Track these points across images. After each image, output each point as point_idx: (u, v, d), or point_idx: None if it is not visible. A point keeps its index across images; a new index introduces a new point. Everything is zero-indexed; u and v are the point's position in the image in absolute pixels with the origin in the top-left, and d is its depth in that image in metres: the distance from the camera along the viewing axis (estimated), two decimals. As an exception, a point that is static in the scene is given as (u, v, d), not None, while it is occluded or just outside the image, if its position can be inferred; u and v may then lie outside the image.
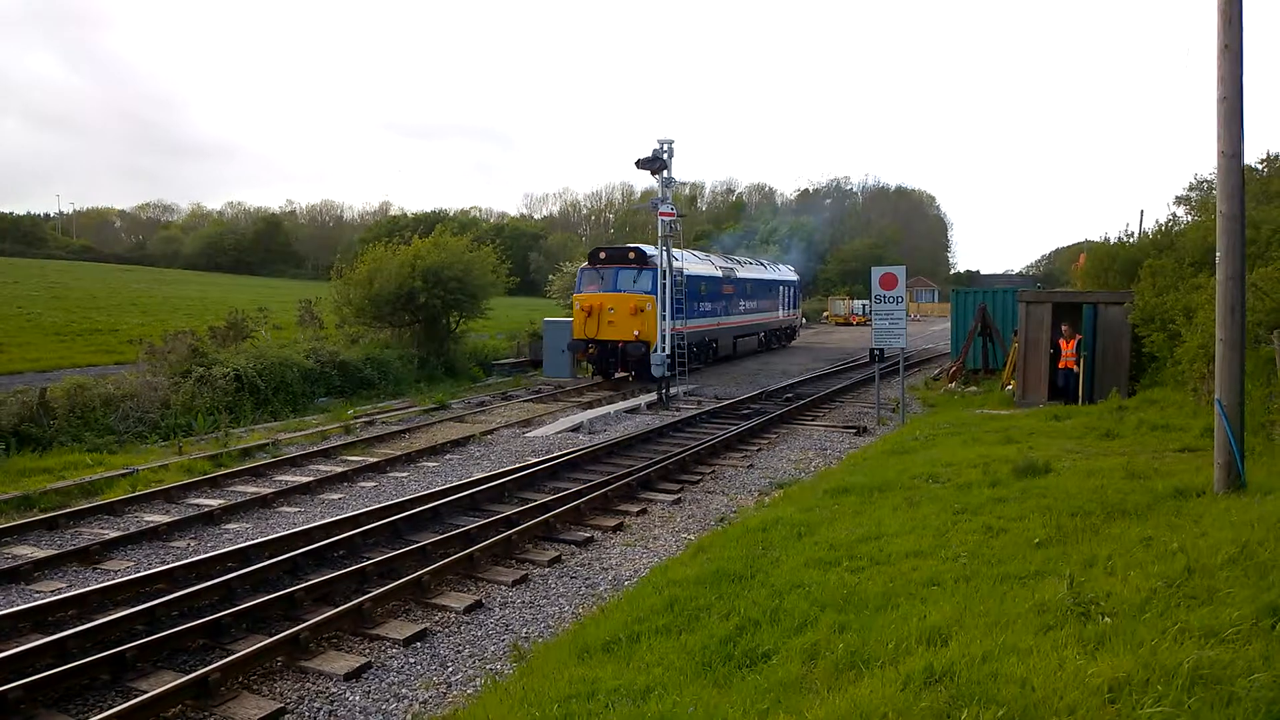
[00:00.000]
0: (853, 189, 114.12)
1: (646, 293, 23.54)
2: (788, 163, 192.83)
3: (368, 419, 17.87)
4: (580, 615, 7.48)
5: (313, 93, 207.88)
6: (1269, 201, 16.44)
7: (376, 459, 13.83)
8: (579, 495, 11.14)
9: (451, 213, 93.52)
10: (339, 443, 15.21)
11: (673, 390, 21.15)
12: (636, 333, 23.24)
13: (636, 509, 11.02)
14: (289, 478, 12.87)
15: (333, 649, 6.89)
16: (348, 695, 6.18)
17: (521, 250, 71.23)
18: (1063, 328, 17.19)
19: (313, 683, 6.37)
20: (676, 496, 11.67)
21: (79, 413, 15.40)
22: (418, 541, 9.34)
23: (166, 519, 10.47)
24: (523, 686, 5.44)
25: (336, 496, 11.87)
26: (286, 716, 5.89)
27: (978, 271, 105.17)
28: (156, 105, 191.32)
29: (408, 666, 6.65)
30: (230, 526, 10.44)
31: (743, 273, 32.88)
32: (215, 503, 11.21)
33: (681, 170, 67.90)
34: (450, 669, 6.61)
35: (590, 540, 9.80)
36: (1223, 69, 7.48)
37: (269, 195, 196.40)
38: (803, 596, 6.10)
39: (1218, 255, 7.77)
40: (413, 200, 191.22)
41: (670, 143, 20.41)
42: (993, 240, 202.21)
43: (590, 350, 24.09)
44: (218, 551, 9.05)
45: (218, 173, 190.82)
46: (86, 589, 7.84)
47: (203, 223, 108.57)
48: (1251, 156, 19.57)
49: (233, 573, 8.28)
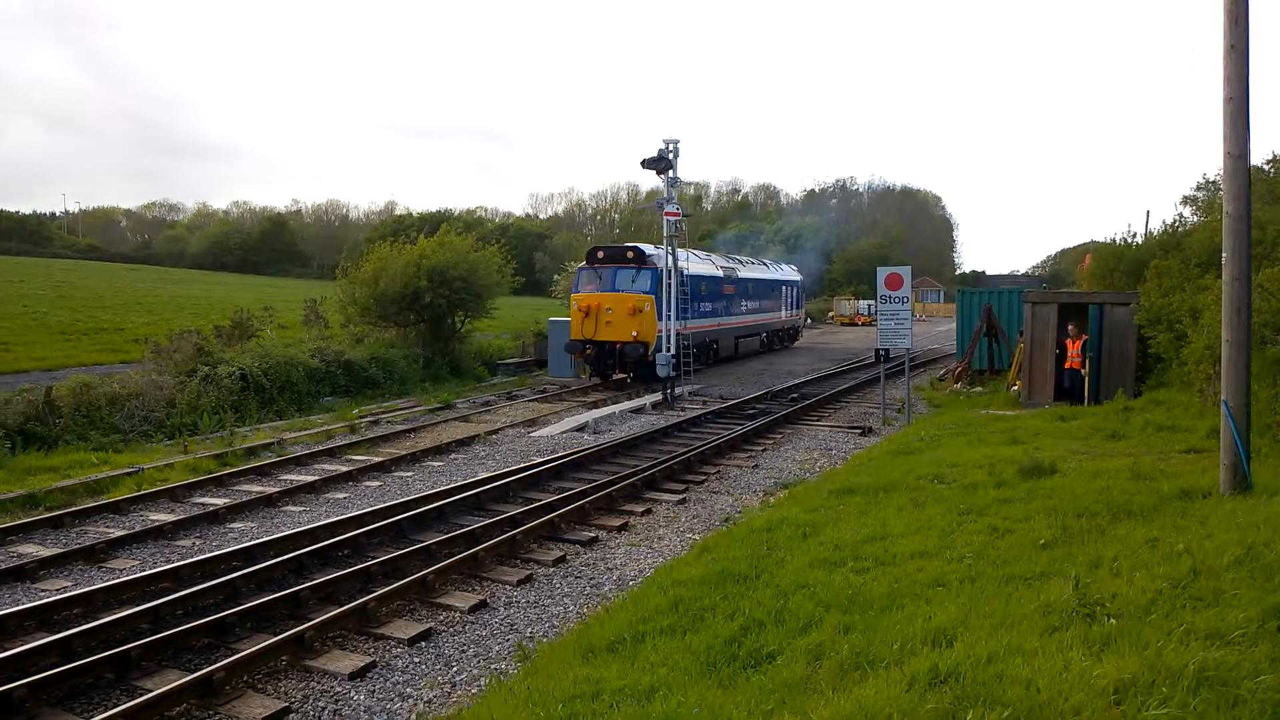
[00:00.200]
0: (858, 189, 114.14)
1: (645, 293, 23.11)
2: (793, 163, 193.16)
3: (373, 418, 17.90)
4: (585, 615, 7.48)
5: (318, 93, 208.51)
6: (1276, 202, 16.43)
7: (381, 458, 13.86)
8: (584, 495, 11.14)
9: (457, 212, 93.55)
10: (344, 442, 15.25)
11: (678, 390, 21.14)
12: (635, 333, 22.77)
13: (641, 509, 11.02)
14: (294, 477, 12.89)
15: (337, 648, 6.90)
16: (352, 695, 6.19)
17: (527, 250, 71.29)
18: (1069, 328, 17.16)
19: (317, 682, 6.38)
20: (681, 496, 11.67)
21: (84, 411, 15.45)
22: (422, 541, 9.35)
23: (171, 518, 10.50)
24: (527, 686, 5.44)
25: (341, 496, 11.90)
26: (291, 716, 5.90)
27: (983, 272, 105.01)
28: (162, 105, 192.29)
29: (412, 666, 6.66)
30: (235, 525, 10.47)
31: (744, 272, 32.39)
32: (220, 502, 11.25)
33: (687, 170, 67.82)
34: (455, 669, 6.62)
35: (595, 540, 9.81)
36: (1229, 69, 7.47)
37: (274, 195, 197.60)
38: (808, 597, 6.10)
39: (1224, 256, 7.75)
40: (418, 200, 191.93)
41: (676, 143, 20.37)
42: (998, 241, 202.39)
43: (588, 351, 23.57)
44: (223, 550, 9.08)
45: (223, 172, 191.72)
46: (91, 588, 7.87)
47: (208, 222, 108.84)
48: (1258, 157, 19.54)
49: (237, 572, 8.31)
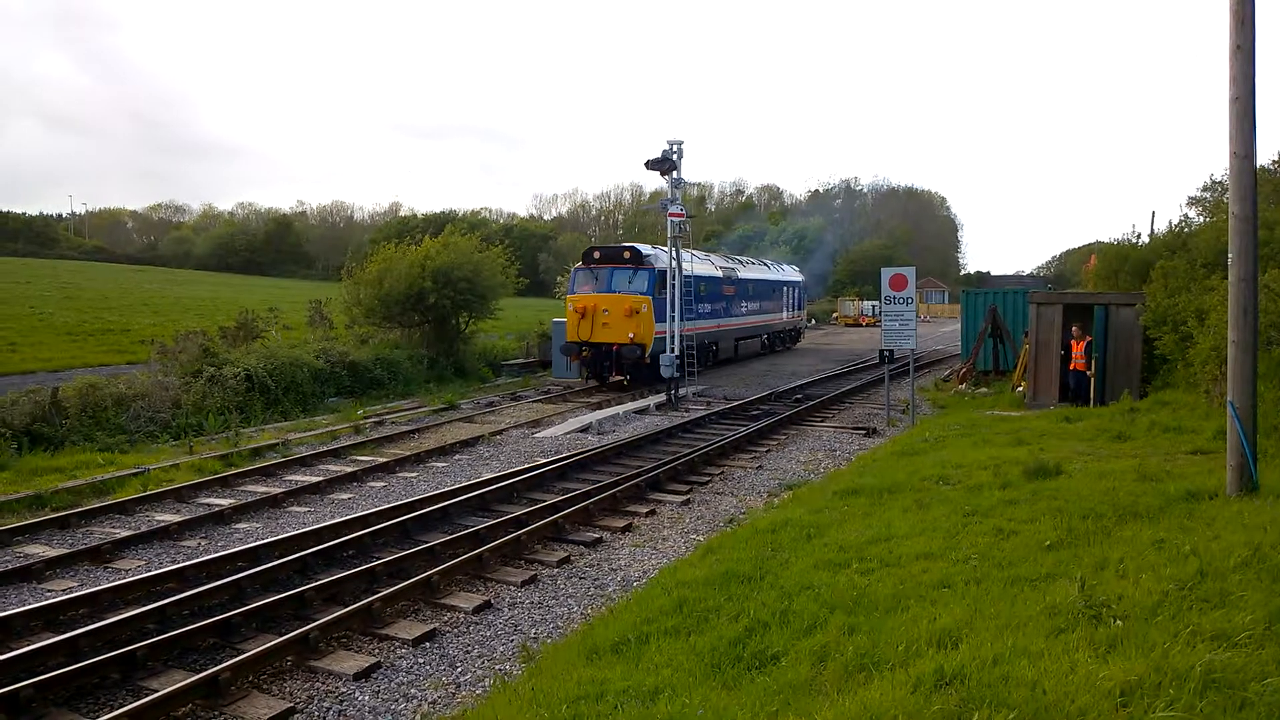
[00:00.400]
0: (862, 190, 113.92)
1: (642, 294, 22.77)
2: (797, 164, 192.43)
3: (377, 419, 17.93)
4: (589, 616, 7.48)
5: (323, 93, 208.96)
6: (1282, 202, 16.35)
7: (386, 459, 13.87)
8: (588, 496, 11.15)
9: (461, 213, 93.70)
10: (348, 443, 15.27)
11: (682, 391, 21.13)
12: (631, 335, 22.41)
13: (645, 510, 11.02)
14: (299, 477, 12.92)
15: (342, 649, 6.91)
16: (357, 695, 6.19)
17: (531, 251, 71.34)
18: (1073, 329, 17.12)
19: (322, 682, 6.39)
20: (685, 497, 11.67)
21: (91, 412, 15.49)
22: (427, 542, 9.36)
23: (177, 518, 10.53)
24: (531, 687, 5.44)
25: (346, 496, 11.92)
26: (296, 716, 5.90)
27: (988, 272, 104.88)
28: (167, 106, 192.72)
29: (417, 667, 6.66)
30: (240, 526, 10.49)
31: (744, 273, 32.03)
32: (226, 502, 11.27)
33: (691, 171, 67.77)
34: (459, 669, 6.62)
35: (599, 541, 9.81)
36: (1235, 69, 7.45)
37: (280, 196, 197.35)
38: (812, 598, 6.09)
39: (1230, 257, 7.73)
40: (423, 201, 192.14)
41: (680, 143, 20.35)
42: (1003, 241, 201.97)
43: (584, 353, 23.14)
44: (228, 551, 9.10)
45: (228, 173, 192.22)
46: (98, 588, 7.89)
47: (214, 223, 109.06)
48: (1264, 157, 19.45)
49: (243, 572, 8.32)
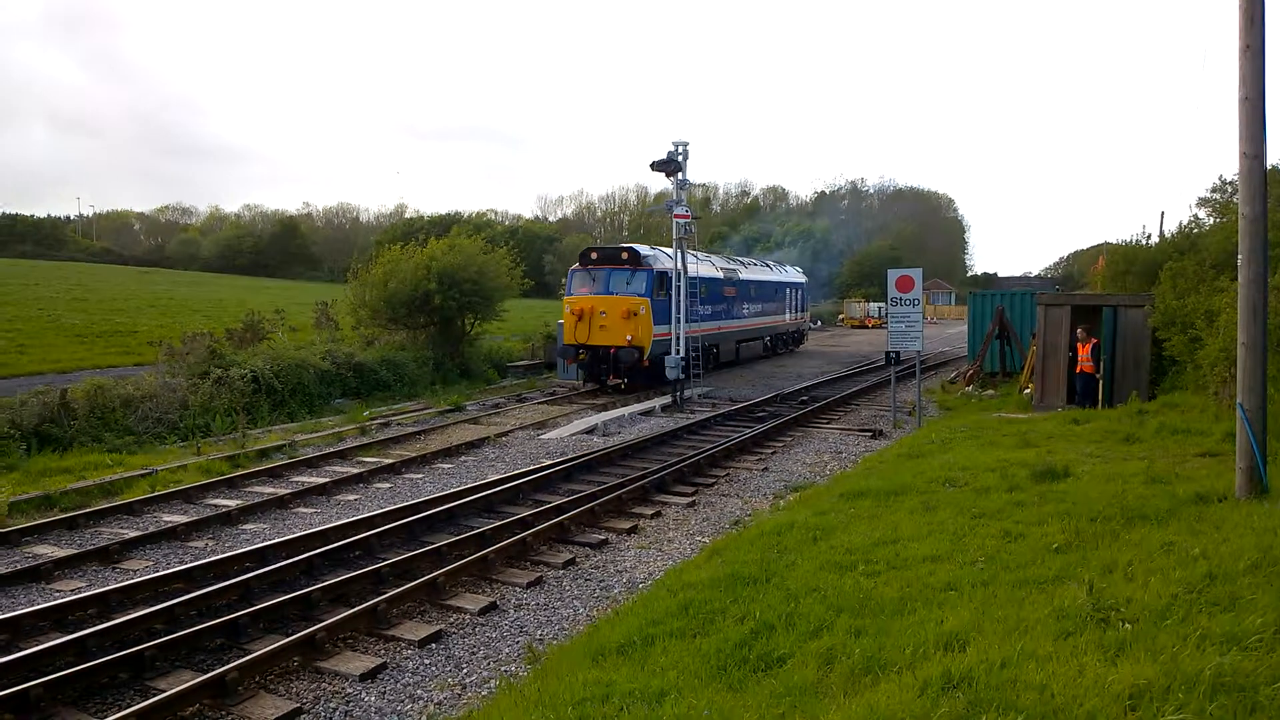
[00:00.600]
0: (869, 191, 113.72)
1: (640, 295, 22.37)
2: (803, 165, 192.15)
3: (383, 421, 17.96)
4: (595, 617, 7.48)
5: (329, 96, 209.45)
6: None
7: (392, 460, 13.89)
8: (593, 498, 11.14)
9: (466, 215, 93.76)
10: (355, 444, 15.30)
11: (687, 393, 21.11)
12: (629, 337, 21.98)
13: (651, 512, 11.01)
14: (305, 479, 12.94)
15: (348, 649, 6.92)
16: (363, 696, 6.20)
17: (536, 252, 71.35)
18: (1078, 331, 17.04)
19: (329, 683, 6.40)
20: (691, 499, 11.65)
21: (99, 413, 15.55)
22: (433, 543, 9.37)
23: (185, 519, 10.55)
24: (537, 688, 5.43)
25: (352, 498, 11.93)
26: (303, 717, 5.91)
27: (995, 274, 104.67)
28: (174, 108, 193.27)
29: (423, 667, 6.67)
30: (247, 527, 10.52)
31: (746, 274, 31.46)
32: (233, 503, 11.30)
33: (696, 172, 68.00)
34: (465, 670, 6.62)
35: (605, 543, 9.80)
36: (1245, 69, 7.43)
37: (286, 197, 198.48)
38: (818, 600, 6.07)
39: (1240, 258, 7.70)
40: (428, 202, 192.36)
41: (685, 145, 20.36)
42: (1011, 242, 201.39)
43: (581, 356, 22.74)
44: (235, 552, 9.13)
45: (235, 175, 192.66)
46: (106, 588, 7.92)
47: (220, 225, 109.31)
48: (1274, 157, 19.39)
49: (250, 573, 8.34)
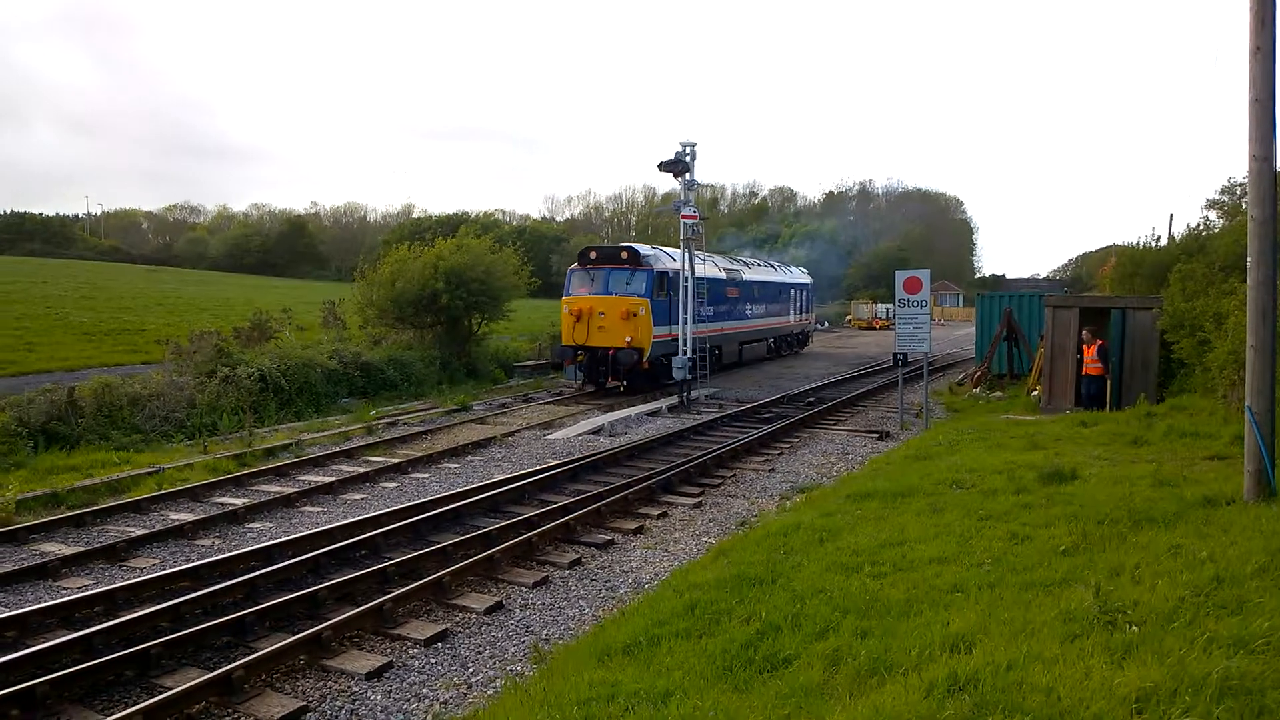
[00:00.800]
0: (877, 192, 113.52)
1: (640, 295, 22.04)
2: (811, 166, 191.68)
3: (390, 420, 17.99)
4: (600, 618, 7.48)
5: (337, 96, 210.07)
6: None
7: (398, 460, 13.91)
8: (599, 498, 11.15)
9: (474, 214, 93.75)
10: (361, 443, 15.33)
11: (694, 394, 21.09)
12: (628, 339, 21.67)
13: (657, 512, 11.01)
14: (312, 477, 12.97)
15: (354, 648, 6.93)
16: (369, 695, 6.21)
17: (543, 252, 71.34)
18: (1083, 333, 16.96)
19: (335, 682, 6.41)
20: (697, 500, 11.65)
21: (106, 411, 15.61)
22: (439, 542, 9.38)
23: (191, 517, 10.59)
24: (543, 688, 5.43)
25: (358, 497, 11.96)
26: (309, 715, 5.92)
27: (1004, 275, 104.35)
28: (183, 108, 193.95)
29: (429, 667, 6.67)
30: (254, 525, 10.54)
31: (749, 274, 31.02)
32: (239, 502, 11.33)
33: (704, 173, 67.77)
34: (471, 670, 6.63)
35: (610, 543, 9.80)
36: (1254, 71, 7.42)
37: (294, 197, 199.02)
38: (824, 602, 6.06)
39: (1249, 260, 7.67)
40: (436, 202, 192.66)
41: (693, 145, 20.34)
42: (1019, 244, 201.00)
43: (579, 357, 22.39)
44: (241, 550, 9.15)
45: (243, 175, 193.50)
46: (113, 586, 7.95)
47: (228, 224, 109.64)
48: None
49: (256, 571, 8.36)
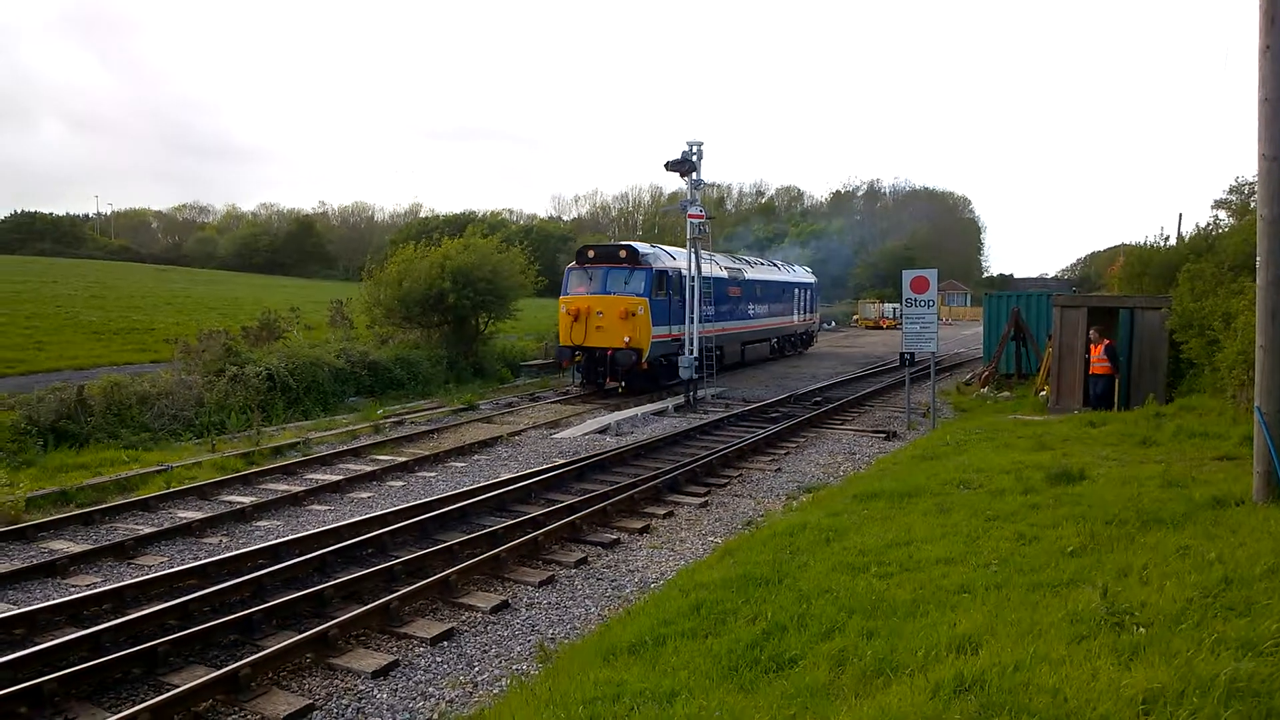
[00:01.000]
0: (884, 191, 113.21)
1: (638, 295, 21.66)
2: (819, 165, 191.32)
3: (397, 419, 18.03)
4: (606, 617, 7.48)
5: (345, 96, 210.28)
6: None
7: (405, 458, 13.94)
8: (606, 497, 11.15)
9: (481, 214, 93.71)
10: (368, 442, 15.36)
11: (700, 393, 21.07)
12: (627, 339, 21.30)
13: (663, 511, 11.01)
14: (319, 476, 13.01)
15: (361, 646, 6.94)
16: (375, 693, 6.22)
17: (550, 251, 71.18)
18: (1090, 333, 16.89)
19: (341, 680, 6.43)
20: (703, 499, 11.64)
21: (115, 410, 15.67)
22: (445, 541, 9.40)
23: (199, 515, 10.63)
24: (548, 687, 5.44)
25: (365, 495, 11.99)
26: (315, 713, 5.94)
27: (1011, 275, 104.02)
28: (191, 108, 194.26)
29: (435, 665, 6.69)
30: (261, 524, 10.58)
31: (752, 274, 30.45)
32: (247, 500, 11.36)
33: (710, 172, 67.94)
34: (476, 668, 6.64)
35: (617, 542, 9.81)
36: (1265, 70, 7.37)
37: (302, 196, 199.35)
38: (830, 602, 6.05)
39: (1258, 260, 7.62)
40: (443, 201, 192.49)
41: (699, 144, 20.32)
42: (1027, 244, 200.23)
43: (577, 358, 22.14)
44: (249, 548, 9.18)
45: (252, 175, 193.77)
46: (121, 584, 7.98)
47: (237, 224, 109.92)
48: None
49: (263, 569, 8.39)
